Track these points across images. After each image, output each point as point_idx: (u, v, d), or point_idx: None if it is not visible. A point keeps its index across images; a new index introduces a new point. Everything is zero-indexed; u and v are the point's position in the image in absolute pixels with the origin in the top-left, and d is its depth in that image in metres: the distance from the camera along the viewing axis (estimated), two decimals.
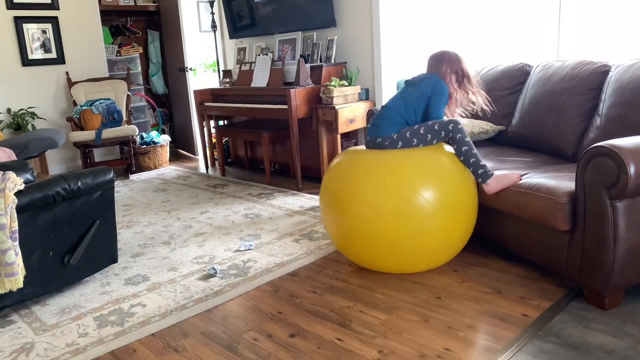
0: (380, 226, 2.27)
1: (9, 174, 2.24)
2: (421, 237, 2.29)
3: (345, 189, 2.38)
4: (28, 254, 2.29)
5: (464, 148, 2.38)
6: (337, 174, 2.48)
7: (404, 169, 2.30)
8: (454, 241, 2.38)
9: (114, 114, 5.14)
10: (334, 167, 2.54)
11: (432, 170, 2.32)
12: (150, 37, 6.75)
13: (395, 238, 2.27)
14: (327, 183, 2.52)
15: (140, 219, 3.71)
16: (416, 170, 2.30)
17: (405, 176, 2.28)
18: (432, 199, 2.24)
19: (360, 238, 2.36)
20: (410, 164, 2.32)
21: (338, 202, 2.40)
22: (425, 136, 2.43)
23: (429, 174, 2.30)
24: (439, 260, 2.46)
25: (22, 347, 2.08)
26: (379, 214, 2.26)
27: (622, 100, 2.53)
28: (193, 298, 2.40)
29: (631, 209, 1.94)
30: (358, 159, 2.46)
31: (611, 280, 1.98)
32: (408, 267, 2.44)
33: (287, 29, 4.65)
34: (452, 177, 2.33)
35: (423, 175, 2.29)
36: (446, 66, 2.55)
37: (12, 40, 5.12)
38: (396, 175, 2.28)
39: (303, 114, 4.15)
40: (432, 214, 2.25)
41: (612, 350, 1.80)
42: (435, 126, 2.42)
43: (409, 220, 2.25)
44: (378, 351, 1.89)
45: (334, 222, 2.46)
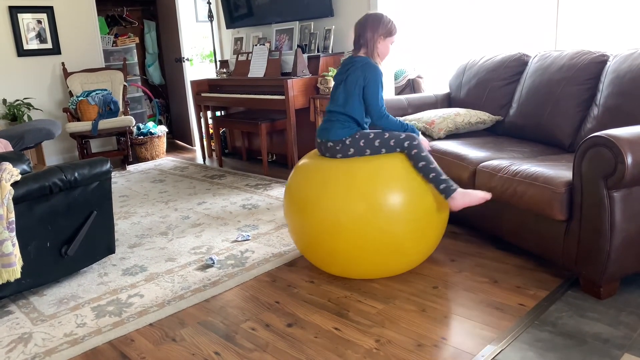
0: (346, 232, 2.18)
1: (5, 165, 2.23)
2: (388, 244, 2.19)
3: (310, 194, 2.27)
4: (25, 244, 2.29)
5: (420, 164, 2.24)
6: (303, 178, 2.36)
7: (369, 174, 2.21)
8: (422, 247, 2.30)
9: (110, 105, 5.11)
10: (299, 169, 2.43)
11: (397, 174, 2.23)
12: (147, 27, 6.71)
13: (361, 244, 2.19)
14: (291, 186, 2.41)
15: (138, 210, 3.70)
16: (382, 175, 2.21)
17: (370, 181, 2.19)
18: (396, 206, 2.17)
19: (325, 244, 2.26)
20: (375, 169, 2.23)
21: (303, 207, 2.30)
22: (379, 149, 2.30)
23: (394, 178, 2.21)
24: (407, 266, 2.37)
25: (20, 337, 2.08)
26: (344, 219, 2.17)
27: (619, 90, 2.53)
28: (191, 288, 2.41)
29: (628, 198, 1.94)
30: (322, 162, 2.36)
31: (607, 270, 1.99)
32: (373, 273, 2.34)
33: (284, 19, 4.63)
34: (418, 181, 2.24)
35: (389, 180, 2.20)
36: (369, 33, 2.38)
37: (7, 30, 5.08)
38: (362, 180, 2.19)
39: (300, 105, 4.14)
40: (399, 219, 2.17)
41: (608, 339, 1.81)
42: (391, 141, 2.28)
43: (375, 226, 2.16)
44: (375, 340, 1.90)
45: (298, 227, 2.36)
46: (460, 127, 3.13)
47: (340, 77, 2.44)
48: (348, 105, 2.36)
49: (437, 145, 2.94)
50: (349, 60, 2.45)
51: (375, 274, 2.35)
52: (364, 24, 2.42)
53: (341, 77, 2.43)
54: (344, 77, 2.41)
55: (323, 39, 4.38)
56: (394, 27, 2.41)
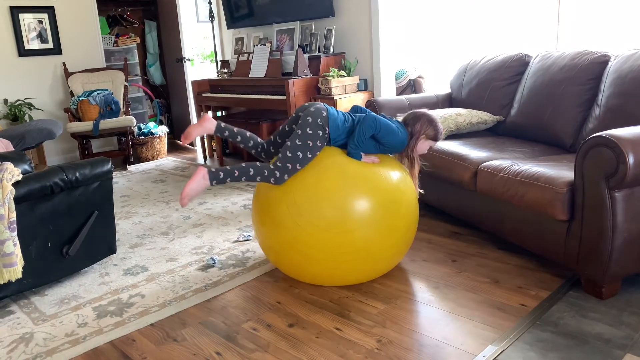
0: (311, 239, 2.14)
1: (6, 165, 2.23)
2: (354, 250, 2.15)
3: (277, 199, 2.22)
4: (26, 244, 2.29)
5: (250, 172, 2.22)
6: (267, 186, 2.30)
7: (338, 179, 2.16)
8: (391, 252, 2.27)
9: (111, 105, 5.11)
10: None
11: (366, 179, 2.18)
12: (148, 28, 6.71)
13: (329, 250, 2.15)
14: (259, 190, 2.37)
15: (139, 210, 3.71)
16: (350, 180, 2.16)
17: (339, 186, 2.14)
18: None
19: (294, 250, 2.21)
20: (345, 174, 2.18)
21: (270, 212, 2.24)
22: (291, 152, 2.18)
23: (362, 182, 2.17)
24: (378, 271, 2.33)
25: (21, 337, 2.08)
26: (313, 226, 2.12)
27: (621, 91, 2.53)
28: (192, 288, 2.41)
29: (629, 199, 1.94)
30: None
31: (609, 270, 1.99)
32: (342, 279, 2.30)
33: (285, 19, 4.63)
34: (387, 186, 2.21)
35: (357, 185, 2.16)
36: (419, 126, 2.36)
37: (8, 30, 5.08)
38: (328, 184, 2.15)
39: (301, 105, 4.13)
40: (368, 225, 2.14)
41: (609, 339, 1.81)
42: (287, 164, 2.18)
43: (340, 232, 2.12)
44: (377, 340, 1.90)
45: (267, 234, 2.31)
46: (462, 127, 3.13)
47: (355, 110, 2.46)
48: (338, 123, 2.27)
49: (438, 146, 2.93)
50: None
51: (345, 281, 2.31)
52: (417, 117, 2.39)
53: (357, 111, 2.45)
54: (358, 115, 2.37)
55: (324, 39, 4.38)
56: (440, 134, 2.42)
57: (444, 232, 2.89)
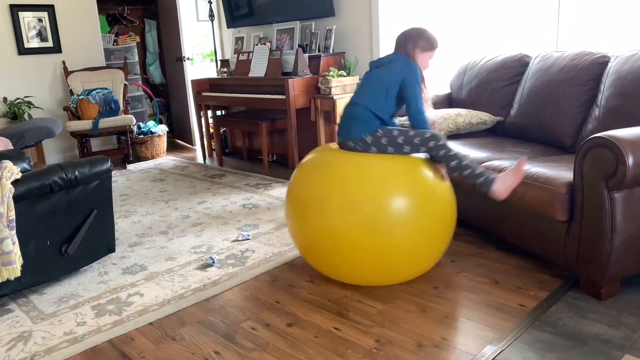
0: (349, 237, 2.10)
1: (5, 163, 2.23)
2: (392, 250, 2.11)
3: (312, 194, 2.20)
4: (25, 243, 2.28)
5: (451, 164, 2.18)
6: (305, 177, 2.29)
7: (376, 175, 2.12)
8: (427, 254, 2.22)
9: (111, 104, 5.11)
10: (302, 167, 2.35)
11: (406, 176, 2.15)
12: (148, 26, 6.71)
13: (364, 249, 2.11)
14: (293, 186, 2.34)
15: (138, 209, 3.70)
16: (390, 177, 2.12)
17: (377, 183, 2.10)
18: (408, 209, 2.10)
19: (327, 248, 2.19)
20: (384, 170, 2.14)
21: (304, 208, 2.23)
22: (402, 147, 2.21)
23: (403, 180, 2.13)
24: (411, 274, 2.28)
25: (19, 335, 2.08)
26: (348, 223, 2.09)
27: (621, 92, 2.53)
28: (191, 287, 2.41)
29: (629, 199, 1.94)
30: (328, 161, 2.27)
31: (608, 271, 1.99)
32: (376, 280, 2.27)
33: (285, 19, 4.62)
34: (427, 183, 2.16)
35: (397, 182, 2.12)
36: (411, 45, 2.35)
37: (7, 28, 5.08)
38: (368, 181, 2.11)
39: (301, 104, 4.14)
40: (405, 224, 2.09)
41: (608, 339, 1.81)
42: (415, 139, 2.19)
43: (379, 231, 2.08)
44: (375, 340, 1.90)
45: (299, 229, 2.30)
46: (461, 127, 3.13)
47: (376, 64, 2.40)
48: (373, 101, 2.30)
49: None
50: (386, 57, 2.39)
51: (379, 281, 2.28)
52: (406, 36, 2.37)
53: (378, 64, 2.39)
54: (381, 63, 2.36)
55: (324, 38, 4.38)
56: (436, 42, 2.37)
57: None
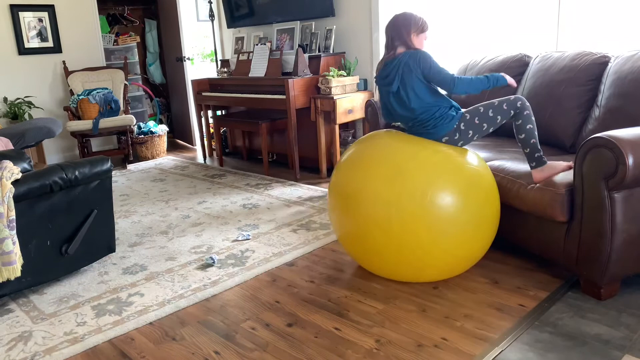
0: (393, 230, 2.10)
1: (5, 163, 2.23)
2: (437, 244, 2.10)
3: (355, 185, 2.21)
4: (26, 243, 2.29)
5: (528, 126, 2.27)
6: (349, 167, 2.29)
7: (421, 168, 2.13)
8: (473, 251, 2.20)
9: (111, 104, 5.11)
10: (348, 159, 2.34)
11: (451, 170, 2.14)
12: (148, 26, 6.71)
13: (407, 243, 2.11)
14: (337, 176, 2.35)
15: (138, 209, 3.70)
16: (434, 170, 2.13)
17: (422, 176, 2.10)
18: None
19: (370, 241, 2.19)
20: (428, 163, 2.15)
21: (346, 198, 2.24)
22: (495, 119, 2.30)
23: (448, 175, 2.12)
24: (454, 271, 2.27)
25: (20, 335, 2.08)
26: (392, 216, 2.09)
27: (621, 92, 2.53)
28: (191, 287, 2.41)
29: (629, 200, 1.94)
30: (374, 153, 2.26)
31: (608, 271, 1.99)
32: (419, 276, 2.26)
33: (285, 19, 4.62)
34: (474, 179, 2.16)
35: (441, 176, 2.11)
36: (404, 32, 2.33)
37: (8, 28, 5.08)
38: (413, 174, 2.10)
39: (301, 104, 4.14)
40: (451, 219, 2.08)
41: (608, 340, 1.81)
42: (503, 105, 2.28)
43: (424, 225, 2.07)
44: (375, 340, 1.90)
45: (341, 219, 2.30)
46: None
47: (387, 81, 2.36)
48: (423, 101, 2.29)
49: None
50: (391, 62, 2.35)
51: (421, 278, 2.28)
52: (395, 25, 2.36)
53: (389, 80, 2.34)
54: (393, 79, 2.32)
55: (324, 38, 4.38)
56: (425, 23, 2.38)
57: None
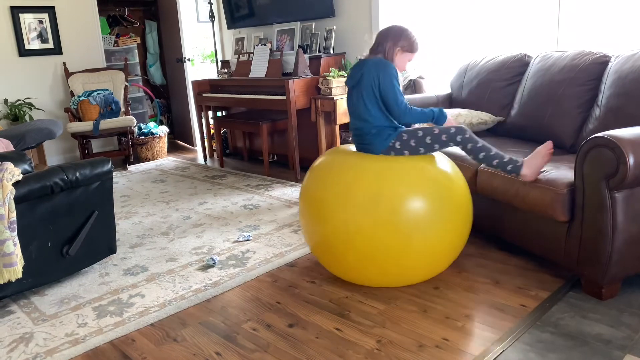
0: (363, 238, 2.10)
1: (6, 165, 2.23)
2: (406, 252, 2.11)
3: (326, 196, 2.20)
4: (26, 244, 2.29)
5: (480, 155, 2.25)
6: (319, 177, 2.30)
7: (390, 177, 2.12)
8: (441, 256, 2.21)
9: (111, 105, 5.11)
10: (316, 168, 2.36)
11: (420, 178, 2.15)
12: (148, 28, 6.71)
13: (377, 252, 2.11)
14: (307, 186, 2.34)
15: (139, 210, 3.71)
16: (403, 179, 2.13)
17: (391, 185, 2.10)
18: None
19: (341, 250, 2.19)
20: (398, 172, 2.15)
21: (318, 209, 2.23)
22: (432, 146, 2.24)
23: (417, 183, 2.13)
24: (425, 275, 2.28)
25: (21, 337, 2.08)
26: (361, 225, 2.09)
27: (621, 91, 2.53)
28: (192, 288, 2.41)
29: (630, 199, 1.94)
30: (342, 162, 2.28)
31: (609, 271, 1.99)
32: (389, 281, 2.26)
33: (285, 19, 4.63)
34: (442, 186, 2.16)
35: (411, 185, 2.12)
36: (390, 42, 2.31)
37: (8, 30, 5.09)
38: (382, 183, 2.10)
39: (302, 105, 4.14)
40: (420, 227, 2.08)
41: (609, 340, 1.81)
42: (442, 136, 2.23)
43: (392, 233, 2.07)
44: (376, 341, 1.90)
45: (313, 231, 2.30)
46: None
47: (352, 82, 2.35)
48: (372, 116, 2.27)
49: None
50: (361, 62, 2.35)
51: (390, 283, 2.27)
52: (386, 33, 2.34)
53: (353, 82, 2.34)
54: (356, 81, 2.32)
55: (324, 39, 4.39)
56: (416, 45, 2.35)
57: None
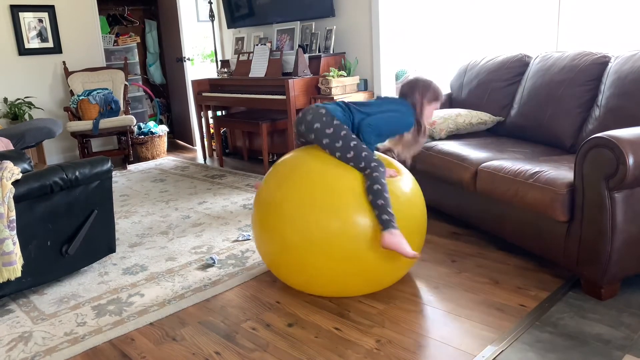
0: (311, 248, 2.04)
1: (6, 164, 2.23)
2: (356, 263, 2.04)
3: (274, 201, 2.14)
4: (26, 243, 2.28)
5: (375, 186, 2.04)
6: (272, 181, 2.22)
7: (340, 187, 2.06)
8: (393, 267, 2.15)
9: (111, 104, 5.11)
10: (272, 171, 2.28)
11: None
12: (148, 27, 6.71)
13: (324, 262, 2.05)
14: (260, 190, 2.27)
15: (138, 209, 3.70)
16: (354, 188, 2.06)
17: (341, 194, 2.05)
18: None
19: (290, 259, 2.13)
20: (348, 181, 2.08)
21: (267, 216, 2.16)
22: (348, 151, 2.12)
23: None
24: (376, 286, 2.21)
25: (20, 336, 2.08)
26: (309, 234, 2.03)
27: (621, 92, 2.53)
28: (191, 288, 2.41)
29: (629, 199, 1.94)
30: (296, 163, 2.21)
31: (608, 271, 1.99)
32: (339, 291, 2.20)
33: (285, 19, 4.63)
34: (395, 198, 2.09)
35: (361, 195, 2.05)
36: (419, 96, 2.35)
37: (8, 29, 5.08)
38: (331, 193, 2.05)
39: (301, 105, 4.14)
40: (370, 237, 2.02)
41: (609, 340, 1.81)
42: (363, 153, 2.11)
43: (342, 244, 2.01)
44: (376, 340, 1.90)
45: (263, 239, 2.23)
46: (461, 127, 3.13)
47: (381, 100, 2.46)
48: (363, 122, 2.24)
49: (438, 146, 2.94)
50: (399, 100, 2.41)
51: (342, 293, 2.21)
52: (413, 86, 2.39)
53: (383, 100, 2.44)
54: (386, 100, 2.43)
55: (324, 39, 4.38)
56: (441, 94, 2.43)
57: (443, 233, 2.89)
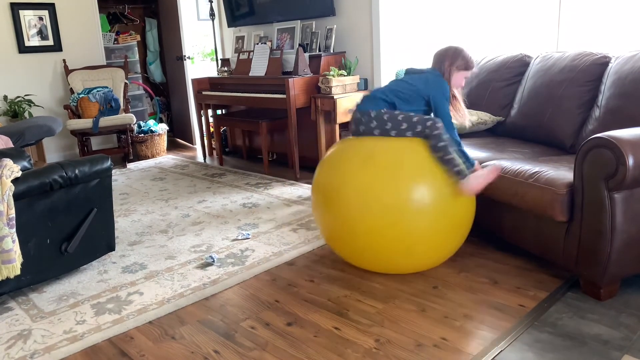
0: (371, 223, 2.17)
1: (5, 161, 2.23)
2: (413, 238, 2.18)
3: (335, 182, 2.28)
4: (25, 241, 2.28)
5: (440, 144, 2.21)
6: (329, 166, 2.38)
7: (399, 163, 2.19)
8: (448, 243, 2.28)
9: (111, 102, 5.11)
10: (327, 159, 2.44)
11: (428, 164, 2.20)
12: (148, 25, 6.70)
13: (386, 237, 2.18)
14: (319, 175, 2.43)
15: (138, 208, 3.70)
16: (412, 165, 2.19)
17: (400, 171, 2.17)
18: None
19: (350, 235, 2.26)
20: (406, 158, 2.21)
21: (328, 196, 2.31)
22: (400, 123, 2.28)
23: (425, 169, 2.19)
24: (431, 262, 2.36)
25: (19, 333, 2.08)
26: (370, 210, 2.16)
27: (621, 92, 2.53)
28: (190, 286, 2.41)
29: (629, 200, 1.94)
30: (351, 150, 2.35)
31: (607, 271, 1.99)
32: (396, 267, 2.34)
33: (285, 18, 4.62)
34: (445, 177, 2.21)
35: (419, 170, 2.18)
36: (448, 62, 2.43)
37: (8, 27, 5.08)
38: (390, 169, 2.17)
39: (301, 104, 4.14)
40: (426, 212, 2.15)
41: (608, 340, 1.81)
42: (414, 118, 2.27)
43: (401, 219, 2.14)
44: (375, 340, 1.90)
45: (324, 218, 2.38)
46: (462, 127, 3.13)
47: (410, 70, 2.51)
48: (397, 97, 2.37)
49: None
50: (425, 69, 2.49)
51: (399, 269, 2.36)
52: (443, 54, 2.45)
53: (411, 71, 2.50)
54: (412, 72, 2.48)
55: (324, 38, 4.38)
56: (472, 63, 2.45)
57: None
